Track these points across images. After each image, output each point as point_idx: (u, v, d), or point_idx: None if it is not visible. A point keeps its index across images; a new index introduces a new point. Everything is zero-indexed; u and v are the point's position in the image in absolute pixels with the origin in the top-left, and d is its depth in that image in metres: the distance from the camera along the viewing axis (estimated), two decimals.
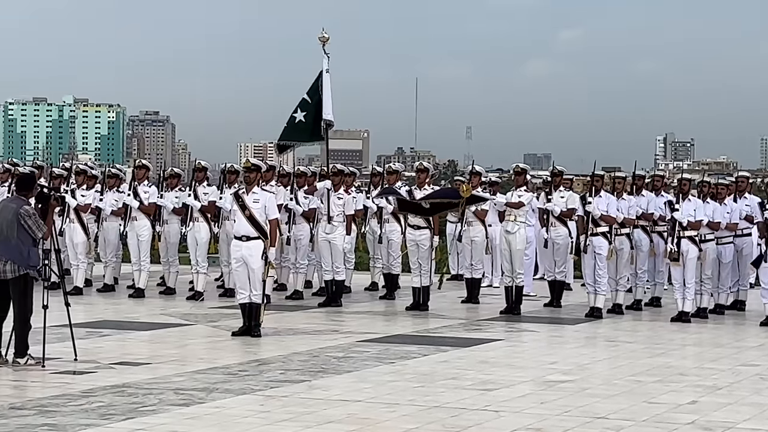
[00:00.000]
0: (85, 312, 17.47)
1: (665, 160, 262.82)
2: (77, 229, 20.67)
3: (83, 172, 21.19)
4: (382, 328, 16.92)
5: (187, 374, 12.48)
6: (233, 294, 17.61)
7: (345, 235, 19.31)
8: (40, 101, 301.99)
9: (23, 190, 13.39)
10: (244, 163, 16.57)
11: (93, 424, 9.98)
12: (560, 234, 19.51)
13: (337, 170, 19.58)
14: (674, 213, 17.94)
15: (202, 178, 20.28)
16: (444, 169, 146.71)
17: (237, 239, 15.73)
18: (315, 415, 10.50)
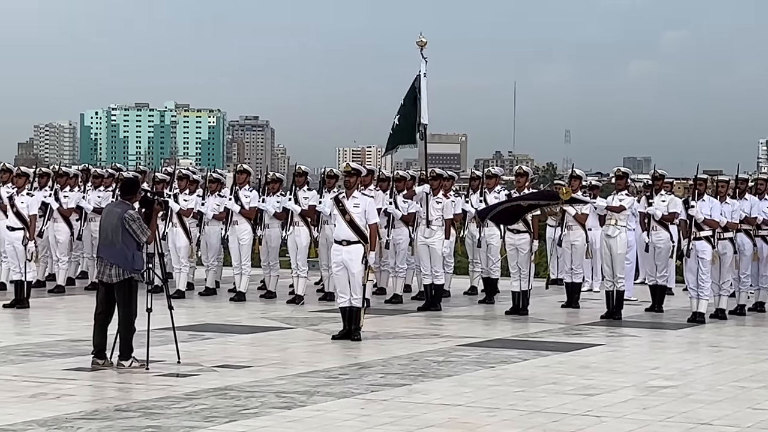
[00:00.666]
0: (187, 315, 17.67)
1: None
2: (180, 233, 20.91)
3: (186, 176, 21.42)
4: (482, 332, 16.89)
5: (289, 377, 12.56)
6: (333, 298, 17.70)
7: (444, 239, 19.31)
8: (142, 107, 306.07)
9: (127, 194, 13.57)
10: (344, 168, 16.64)
11: (196, 426, 10.09)
12: (661, 238, 19.33)
13: (436, 174, 19.59)
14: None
15: (303, 183, 20.40)
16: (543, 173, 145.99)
17: (337, 243, 15.81)
18: (415, 419, 10.52)
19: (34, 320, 17.63)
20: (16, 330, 16.76)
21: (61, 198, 21.56)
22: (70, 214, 21.63)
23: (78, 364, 13.17)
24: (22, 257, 18.76)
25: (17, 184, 19.51)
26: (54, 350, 14.25)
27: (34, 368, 12.92)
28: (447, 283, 20.52)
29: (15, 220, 19.00)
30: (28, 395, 11.34)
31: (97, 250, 13.81)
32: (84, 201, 21.73)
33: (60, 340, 15.12)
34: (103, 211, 13.84)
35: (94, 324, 13.21)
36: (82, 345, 14.19)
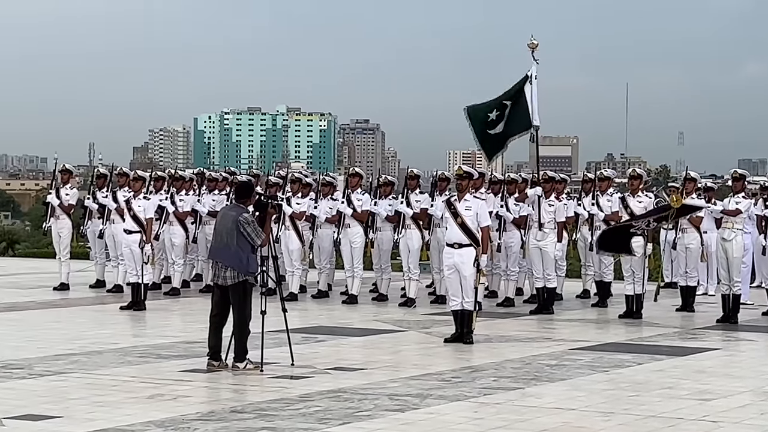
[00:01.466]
0: (299, 318, 17.79)
1: None
2: (292, 236, 21.07)
3: (298, 180, 21.57)
4: (595, 335, 16.77)
5: (401, 380, 12.59)
6: (445, 301, 17.70)
7: (556, 242, 19.21)
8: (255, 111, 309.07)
9: (242, 198, 13.72)
10: (456, 171, 16.63)
11: (311, 428, 10.16)
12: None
13: (548, 177, 19.49)
14: None
15: (415, 186, 20.42)
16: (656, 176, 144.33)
17: (449, 246, 15.80)
18: (528, 422, 10.48)
19: (151, 322, 17.90)
20: (133, 332, 17.04)
21: (177, 201, 21.86)
22: (186, 217, 21.92)
23: (194, 365, 13.34)
24: (138, 260, 19.06)
25: (134, 188, 19.83)
26: (170, 352, 14.45)
27: (150, 370, 13.12)
28: (559, 286, 20.40)
29: (132, 224, 19.31)
30: (145, 396, 11.52)
31: (210, 253, 13.96)
32: (199, 204, 22.01)
33: (176, 342, 15.33)
34: (218, 214, 14.00)
35: (210, 326, 13.37)
36: (198, 347, 14.37)
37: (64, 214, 22.36)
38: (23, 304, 19.92)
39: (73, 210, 22.75)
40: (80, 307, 19.85)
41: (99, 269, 22.86)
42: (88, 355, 14.07)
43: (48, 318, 18.30)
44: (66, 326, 17.17)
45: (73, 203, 22.54)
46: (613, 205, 19.82)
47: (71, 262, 22.76)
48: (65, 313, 19.02)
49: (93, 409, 10.80)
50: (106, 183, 22.50)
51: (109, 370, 13.02)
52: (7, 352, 14.19)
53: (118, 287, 21.57)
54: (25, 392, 11.63)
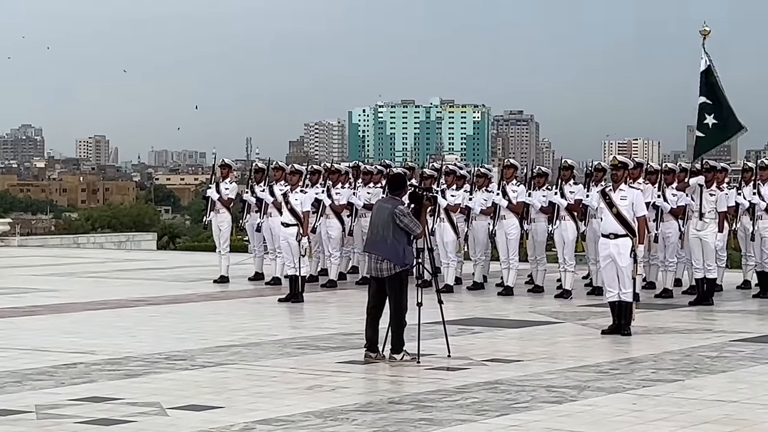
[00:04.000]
0: (455, 309, 17.80)
1: None
2: (447, 228, 21.10)
3: (452, 172, 21.60)
4: (757, 327, 16.44)
5: (558, 372, 12.52)
6: (601, 292, 17.54)
7: (717, 232, 18.87)
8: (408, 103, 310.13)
9: (396, 190, 13.79)
10: (611, 161, 16.46)
11: (468, 419, 10.18)
12: None
13: (710, 166, 19.16)
14: None
15: (568, 177, 20.27)
16: None
17: (604, 237, 15.66)
18: (689, 415, 10.33)
19: (308, 314, 18.12)
20: (291, 324, 17.26)
21: (333, 194, 22.07)
22: (342, 210, 22.13)
23: (351, 357, 13.46)
24: (296, 253, 19.29)
25: (291, 182, 20.07)
26: (328, 343, 14.61)
27: (309, 361, 13.28)
28: (719, 277, 20.04)
29: (289, 217, 19.56)
30: (304, 387, 11.66)
31: (366, 245, 14.04)
32: (354, 197, 22.19)
33: (333, 334, 15.48)
34: (374, 207, 14.09)
35: (366, 318, 13.47)
36: (355, 338, 14.49)
37: (223, 207, 22.74)
38: (185, 297, 20.34)
39: (233, 204, 23.14)
40: (240, 299, 20.19)
41: (257, 262, 23.20)
42: (248, 347, 14.30)
43: (208, 310, 18.65)
44: (226, 318, 17.48)
45: (232, 197, 22.92)
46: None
47: (231, 255, 23.16)
48: (225, 306, 19.37)
49: (254, 400, 10.98)
50: (264, 177, 22.81)
51: (269, 362, 13.22)
52: (170, 344, 14.51)
53: (276, 280, 21.87)
54: (187, 383, 11.88)
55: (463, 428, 9.88)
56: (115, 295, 20.44)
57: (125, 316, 17.67)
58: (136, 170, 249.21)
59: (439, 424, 10.00)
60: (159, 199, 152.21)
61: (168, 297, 20.26)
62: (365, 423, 10.05)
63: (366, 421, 10.12)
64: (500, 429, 9.84)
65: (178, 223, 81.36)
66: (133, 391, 11.35)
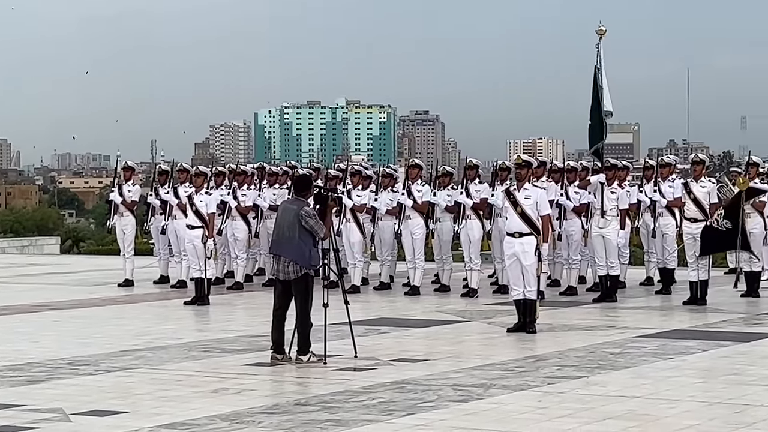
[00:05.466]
0: (362, 310, 17.82)
1: None
2: (353, 228, 21.11)
3: (358, 172, 21.61)
4: (659, 323, 16.66)
5: (464, 370, 12.58)
6: (507, 290, 17.66)
7: (619, 229, 19.09)
8: (314, 104, 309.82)
9: (301, 191, 13.76)
10: (516, 160, 16.58)
11: (375, 419, 10.18)
12: None
13: (611, 164, 19.37)
14: None
15: (474, 176, 20.38)
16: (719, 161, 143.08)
17: (509, 236, 15.77)
18: (593, 411, 10.43)
19: (214, 317, 18.01)
20: (197, 327, 17.14)
21: (239, 196, 21.97)
22: (248, 212, 22.03)
23: (257, 359, 13.41)
24: (201, 255, 19.17)
25: (195, 184, 19.94)
26: (234, 346, 14.53)
27: (215, 364, 13.20)
28: (622, 273, 20.27)
29: (194, 219, 19.43)
30: (209, 390, 11.59)
31: (271, 247, 13.99)
32: (260, 199, 22.11)
33: (239, 336, 15.41)
34: (279, 208, 14.04)
35: (272, 320, 13.43)
36: (261, 340, 14.44)
37: (127, 211, 22.53)
38: (89, 301, 20.11)
39: (136, 207, 22.93)
40: (145, 303, 20.01)
41: (162, 265, 23.02)
42: (153, 351, 14.18)
43: (113, 314, 18.46)
44: (131, 322, 17.32)
45: (135, 200, 22.71)
46: (675, 192, 19.70)
47: (135, 259, 22.95)
48: (130, 310, 19.18)
49: (158, 404, 10.88)
50: (168, 179, 22.63)
51: (174, 365, 13.12)
52: (74, 349, 14.34)
53: (181, 283, 21.71)
54: (91, 388, 11.75)
55: (370, 428, 9.88)
56: (17, 301, 20.14)
57: (27, 322, 17.43)
58: (38, 174, 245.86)
59: (345, 424, 9.99)
60: (62, 203, 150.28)
61: (72, 301, 20.01)
62: (271, 425, 10.01)
63: (272, 423, 10.09)
64: (406, 429, 9.85)
65: (83, 226, 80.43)
66: (35, 398, 11.19)
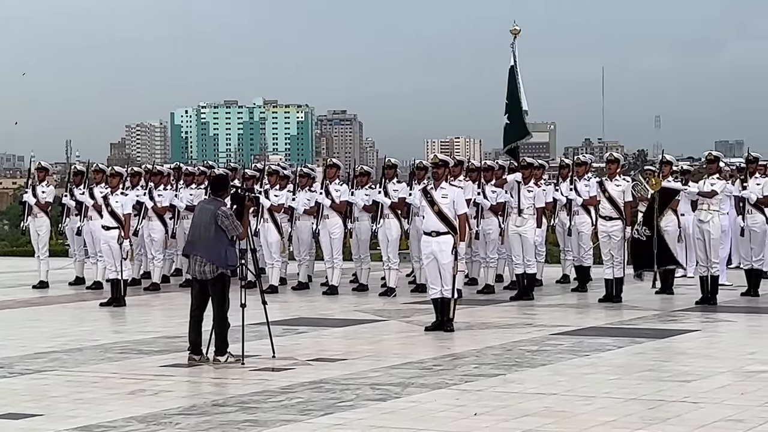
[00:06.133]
0: (280, 310, 17.78)
1: None
2: (271, 228, 21.07)
3: (275, 172, 21.57)
4: (575, 320, 16.81)
5: (383, 369, 12.60)
6: (425, 289, 17.72)
7: (535, 228, 19.24)
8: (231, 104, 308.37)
9: (218, 191, 13.71)
10: (433, 159, 16.64)
11: (293, 419, 10.16)
12: (757, 221, 19.11)
13: (527, 163, 19.52)
14: None
15: (392, 175, 20.44)
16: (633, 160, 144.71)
17: (427, 235, 15.82)
18: (510, 408, 10.50)
19: (131, 318, 17.87)
20: (114, 328, 17.00)
21: (155, 196, 21.82)
22: (165, 212, 21.89)
23: (174, 360, 13.33)
24: (117, 256, 19.01)
25: (111, 184, 19.77)
26: (151, 347, 14.43)
27: (131, 365, 13.10)
28: (539, 272, 20.45)
29: (110, 220, 19.26)
30: (126, 392, 11.50)
31: (187, 247, 13.91)
32: (177, 199, 21.98)
33: (156, 337, 15.31)
34: (196, 208, 13.97)
35: (190, 321, 13.36)
36: (179, 341, 14.35)
37: (41, 212, 22.28)
38: (2, 303, 19.86)
39: (50, 208, 22.69)
40: (60, 304, 19.80)
41: (78, 266, 22.81)
42: (69, 353, 14.04)
43: (27, 316, 18.25)
44: (46, 324, 17.13)
45: (50, 201, 22.48)
46: (590, 190, 19.89)
47: (50, 260, 22.70)
48: (45, 311, 18.97)
49: (74, 407, 10.78)
50: (83, 180, 22.42)
51: (90, 367, 13.00)
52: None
53: (97, 284, 21.51)
54: (5, 391, 11.60)
55: (288, 428, 9.86)
56: None
57: None
58: None
59: (263, 425, 9.97)
60: None
61: None
62: (189, 426, 9.95)
63: (189, 424, 10.03)
64: (324, 428, 9.85)
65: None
66: None
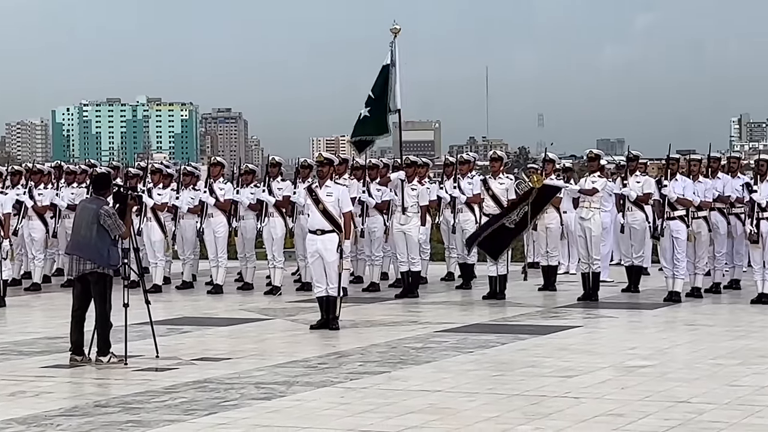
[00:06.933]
0: (164, 309, 17.64)
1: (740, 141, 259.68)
2: (154, 227, 20.88)
3: (159, 171, 21.39)
4: (460, 317, 16.93)
5: (268, 368, 12.57)
6: (310, 288, 17.71)
7: (420, 225, 19.34)
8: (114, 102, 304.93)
9: (100, 190, 13.55)
10: (317, 158, 16.64)
11: (177, 419, 10.09)
12: (637, 219, 19.40)
13: (411, 161, 19.61)
14: (752, 194, 17.76)
15: (276, 174, 20.38)
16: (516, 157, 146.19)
17: (312, 233, 15.81)
18: (395, 405, 10.54)
19: (11, 318, 17.58)
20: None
21: (36, 195, 21.48)
22: (45, 211, 21.56)
23: (56, 361, 13.15)
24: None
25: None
26: (31, 348, 14.22)
27: (11, 367, 12.89)
28: (424, 269, 20.55)
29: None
30: (6, 394, 11.31)
31: (68, 247, 13.73)
32: (58, 198, 21.67)
33: (37, 338, 15.08)
34: (78, 207, 13.80)
35: (71, 321, 13.19)
36: (60, 342, 14.15)
37: None
38: None
39: None
40: None
41: None
42: None
43: None
44: None
45: None
46: (474, 188, 20.05)
47: None
48: None
49: None
50: None
51: None
52: None
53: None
54: None
55: (172, 428, 9.79)
56: None
57: None
58: None
59: (147, 425, 9.88)
60: None
61: None
62: (70, 428, 9.83)
63: (71, 425, 9.90)
64: (208, 428, 9.80)
65: None
66: None
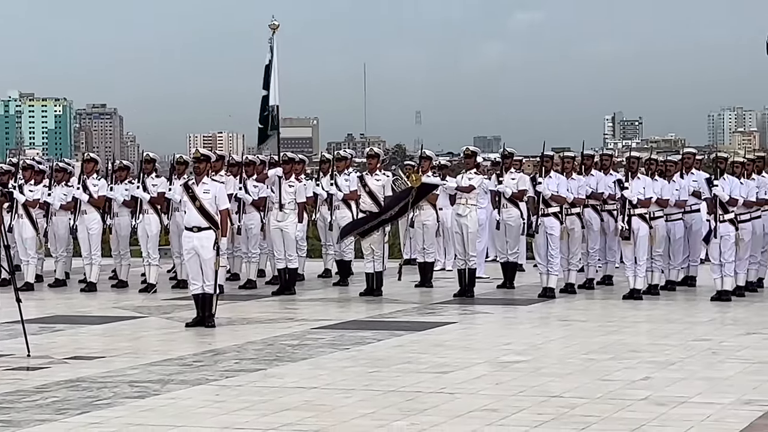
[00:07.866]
0: (36, 307, 17.36)
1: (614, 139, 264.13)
2: (26, 224, 20.53)
3: (31, 167, 21.03)
4: (336, 314, 16.93)
5: (142, 366, 12.44)
6: (186, 285, 17.55)
7: (297, 222, 19.31)
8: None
9: None
10: (194, 154, 16.51)
11: (48, 419, 9.93)
12: (512, 215, 19.57)
13: (288, 158, 19.58)
14: (624, 191, 18.05)
15: (151, 170, 20.20)
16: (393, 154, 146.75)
17: (188, 230, 15.67)
18: (271, 403, 10.50)
19: None
20: None
21: None
22: None
23: None
24: None
25: None
26: None
27: None
28: (300, 266, 20.52)
29: None
30: None
31: None
32: None
33: None
34: None
35: None
36: None
37: None
38: None
39: None
40: None
41: None
42: None
43: None
44: None
45: None
46: (351, 185, 20.07)
47: None
48: None
49: None
50: None
51: None
52: None
53: None
54: None
55: (43, 428, 9.63)
56: None
57: None
58: None
59: (17, 425, 9.71)
60: None
61: None
62: None
63: None
64: (81, 427, 9.66)
65: None
66: None
